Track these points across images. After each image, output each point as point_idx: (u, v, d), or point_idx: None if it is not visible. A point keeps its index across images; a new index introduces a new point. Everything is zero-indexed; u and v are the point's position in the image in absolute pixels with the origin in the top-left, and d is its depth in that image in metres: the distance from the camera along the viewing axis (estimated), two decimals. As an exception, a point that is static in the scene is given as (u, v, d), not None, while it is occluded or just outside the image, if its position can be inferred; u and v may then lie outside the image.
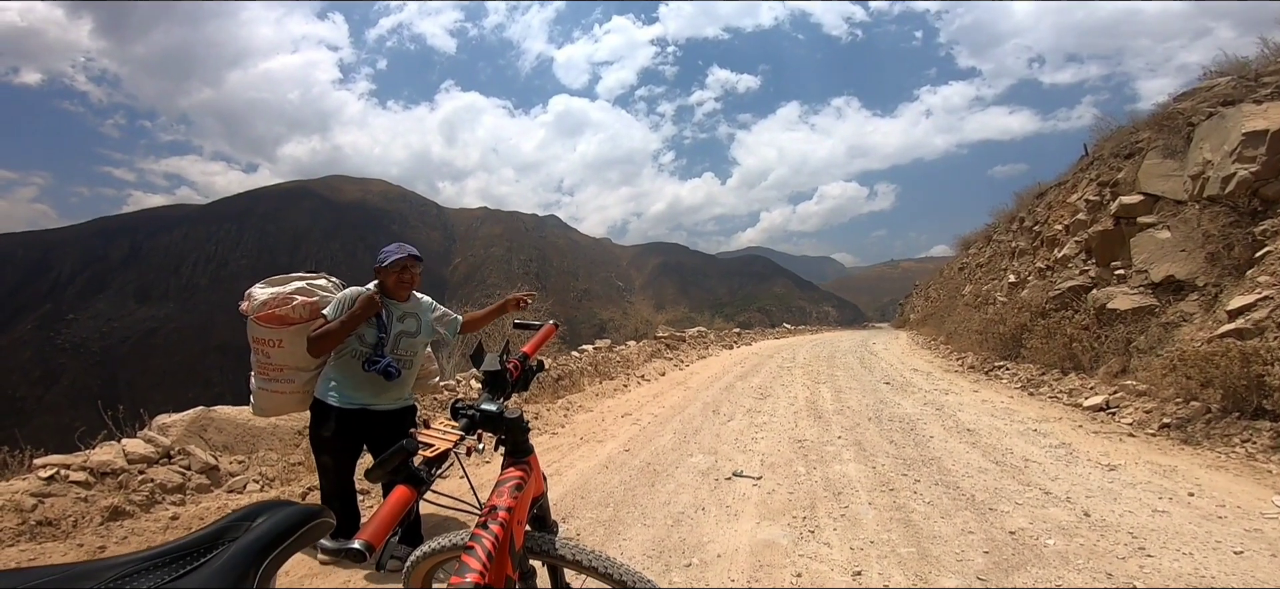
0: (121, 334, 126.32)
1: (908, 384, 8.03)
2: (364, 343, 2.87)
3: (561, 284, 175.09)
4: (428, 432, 1.32)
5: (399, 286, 2.98)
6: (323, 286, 3.09)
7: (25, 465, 3.99)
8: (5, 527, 3.25)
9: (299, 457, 4.62)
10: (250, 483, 4.24)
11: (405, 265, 2.97)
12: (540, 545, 1.48)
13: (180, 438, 4.46)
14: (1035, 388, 6.82)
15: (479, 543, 1.19)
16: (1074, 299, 7.67)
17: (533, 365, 1.72)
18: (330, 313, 2.85)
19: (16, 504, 3.36)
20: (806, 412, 6.32)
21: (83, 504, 3.52)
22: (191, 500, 3.91)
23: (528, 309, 3.19)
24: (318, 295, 3.01)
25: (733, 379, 9.38)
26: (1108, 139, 9.16)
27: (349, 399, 2.88)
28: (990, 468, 4.10)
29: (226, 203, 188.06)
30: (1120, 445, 4.58)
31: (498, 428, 1.44)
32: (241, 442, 4.79)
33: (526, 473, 1.45)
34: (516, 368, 1.64)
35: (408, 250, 2.99)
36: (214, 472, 4.23)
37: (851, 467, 4.28)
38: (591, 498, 3.91)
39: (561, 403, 7.44)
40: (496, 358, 1.58)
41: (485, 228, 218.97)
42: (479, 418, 1.42)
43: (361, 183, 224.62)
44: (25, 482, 3.57)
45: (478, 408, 1.42)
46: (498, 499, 1.33)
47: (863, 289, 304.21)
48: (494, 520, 1.26)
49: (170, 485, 3.91)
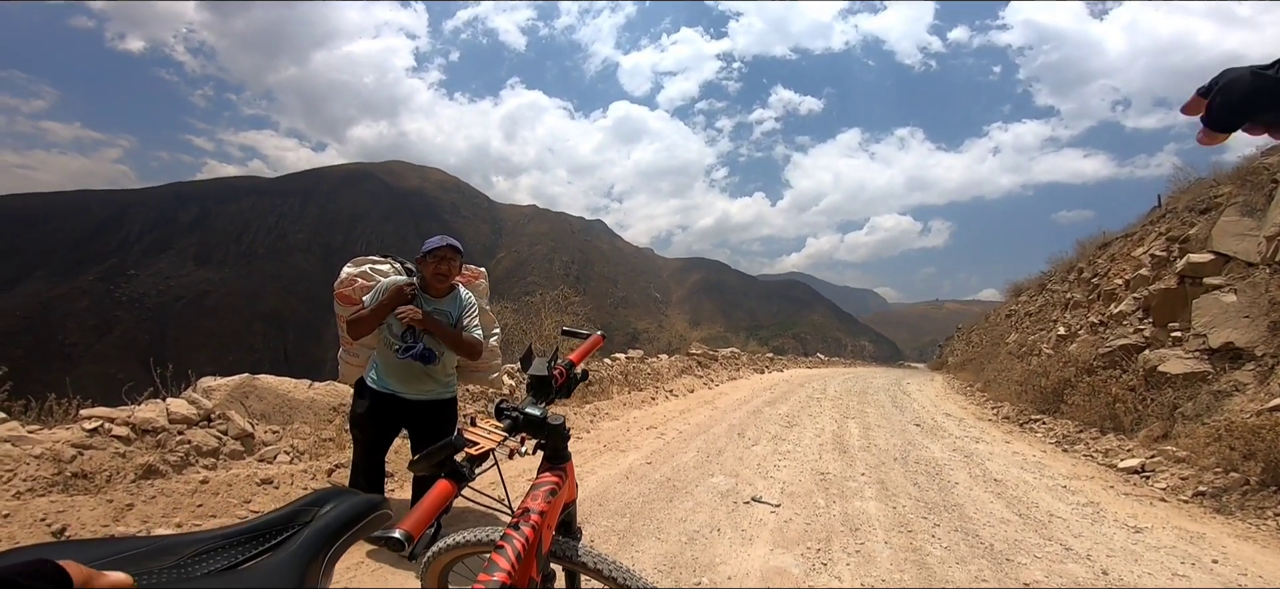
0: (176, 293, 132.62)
1: (938, 428, 7.87)
2: (391, 332, 2.94)
3: (600, 289, 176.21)
4: (473, 430, 1.34)
5: (434, 278, 2.99)
6: (383, 272, 3.20)
7: (71, 415, 4.07)
8: (40, 476, 3.29)
9: (330, 433, 4.78)
10: (280, 454, 4.34)
11: (442, 256, 2.97)
12: (564, 551, 1.49)
13: (222, 402, 4.57)
14: (1070, 444, 6.62)
15: (510, 543, 1.20)
16: (1124, 358, 7.41)
17: (577, 374, 1.73)
18: (368, 300, 2.97)
19: (56, 454, 3.42)
20: (832, 445, 6.28)
21: (119, 460, 3.59)
22: (223, 466, 3.99)
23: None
24: (374, 281, 3.12)
25: (761, 404, 9.35)
26: (1185, 191, 8.79)
27: (382, 383, 2.99)
28: (1013, 519, 4.03)
29: (293, 178, 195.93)
30: (1150, 509, 4.44)
31: (539, 432, 1.46)
32: (279, 412, 4.94)
33: (562, 479, 1.46)
34: (562, 374, 1.66)
35: (447, 241, 2.99)
36: (248, 439, 4.33)
37: (872, 504, 4.26)
38: (609, 506, 3.99)
39: (588, 409, 7.56)
40: (545, 363, 1.61)
41: (532, 225, 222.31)
42: (522, 421, 1.43)
43: (420, 170, 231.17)
44: (68, 432, 3.63)
45: (522, 411, 1.44)
46: (531, 502, 1.34)
47: (903, 326, 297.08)
48: (526, 523, 1.28)
49: (205, 448, 3.99)
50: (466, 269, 3.37)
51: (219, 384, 4.87)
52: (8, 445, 3.37)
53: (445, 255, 2.98)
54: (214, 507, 3.55)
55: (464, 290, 3.19)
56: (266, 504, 3.69)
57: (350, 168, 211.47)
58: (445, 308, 3.04)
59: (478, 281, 3.51)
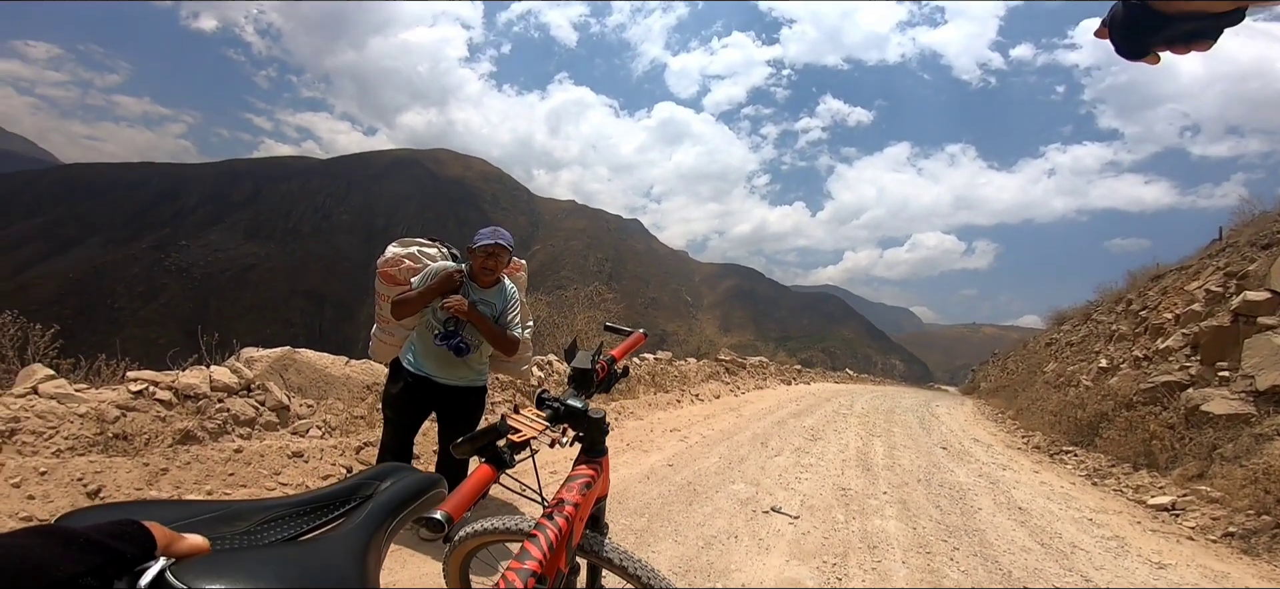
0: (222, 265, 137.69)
1: (965, 453, 7.75)
2: (437, 317, 2.95)
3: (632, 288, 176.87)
4: (516, 418, 1.34)
5: (481, 272, 3.01)
6: (432, 256, 3.20)
7: (118, 377, 4.10)
8: (82, 435, 3.31)
9: (362, 411, 4.87)
10: (313, 428, 4.40)
11: (491, 252, 2.98)
12: (591, 545, 1.50)
13: (262, 374, 4.60)
14: (1101, 478, 6.46)
15: (542, 533, 1.21)
16: (1166, 395, 7.19)
17: (618, 369, 1.76)
18: (417, 283, 2.98)
19: (100, 414, 3.43)
20: (855, 462, 6.25)
21: (159, 424, 3.61)
22: (257, 436, 4.04)
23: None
24: (422, 263, 3.13)
25: (786, 415, 9.32)
26: (1248, 224, 8.43)
27: (418, 366, 3.01)
28: (1034, 548, 3.98)
29: (341, 161, 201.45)
30: (1176, 546, 4.35)
31: (580, 425, 1.48)
32: (314, 387, 5.04)
33: (597, 473, 1.48)
34: (604, 369, 1.68)
35: (499, 237, 2.99)
36: (284, 412, 4.38)
37: (892, 523, 4.25)
38: (628, 505, 4.05)
39: (614, 407, 7.64)
40: (589, 357, 1.63)
41: (570, 221, 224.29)
42: (563, 412, 1.44)
43: (464, 160, 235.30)
44: (114, 393, 3.65)
45: (564, 402, 1.45)
46: (566, 493, 1.35)
47: (937, 347, 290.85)
48: (560, 514, 1.28)
49: (243, 418, 4.03)
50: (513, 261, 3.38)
51: (261, 355, 4.93)
52: (54, 402, 3.39)
53: (494, 252, 2.97)
54: (245, 476, 3.63)
55: (509, 283, 3.18)
56: (296, 477, 3.81)
57: (397, 153, 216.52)
58: (491, 299, 3.05)
59: (518, 274, 3.51)
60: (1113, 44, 0.79)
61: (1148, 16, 0.73)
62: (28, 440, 3.15)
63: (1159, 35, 0.74)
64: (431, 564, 2.81)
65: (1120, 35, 0.78)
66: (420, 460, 4.28)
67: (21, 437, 3.15)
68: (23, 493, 2.93)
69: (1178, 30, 0.72)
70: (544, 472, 3.89)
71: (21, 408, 3.23)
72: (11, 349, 4.51)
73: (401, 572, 2.76)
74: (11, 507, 2.82)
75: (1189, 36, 0.72)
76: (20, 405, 3.24)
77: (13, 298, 30.04)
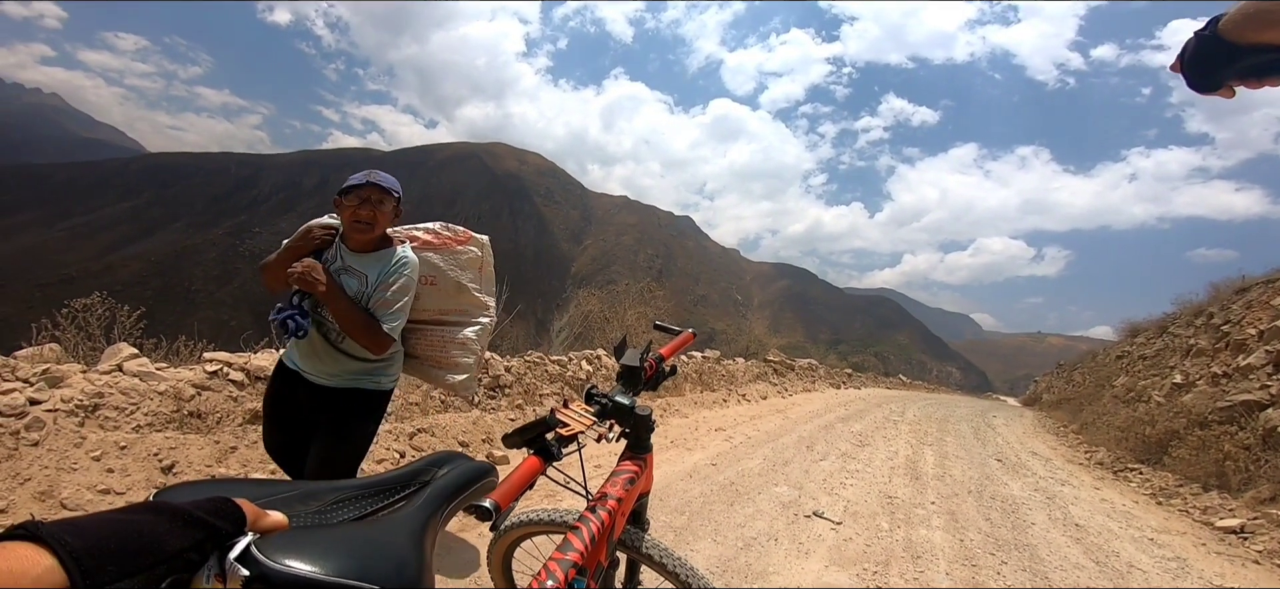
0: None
1: (1021, 465, 7.49)
2: (294, 291, 2.10)
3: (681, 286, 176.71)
4: (565, 412, 1.35)
5: (352, 227, 2.11)
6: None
7: (196, 357, 4.29)
8: (161, 412, 3.42)
9: (416, 397, 5.05)
10: None
11: (365, 198, 2.08)
12: (632, 540, 1.52)
13: None
14: (1167, 498, 6.14)
15: (586, 525, 1.24)
16: (1244, 414, 6.78)
17: (666, 368, 1.78)
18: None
19: (177, 392, 3.54)
20: (904, 470, 6.14)
21: (231, 403, 3.75)
22: None
23: None
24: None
25: (834, 419, 9.20)
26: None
27: (289, 355, 2.26)
28: (1088, 566, 3.85)
29: (404, 153, 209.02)
30: (1241, 570, 4.14)
31: (627, 421, 1.51)
32: None
33: (641, 469, 1.51)
34: (652, 367, 1.70)
35: (375, 177, 2.10)
36: None
37: (938, 534, 4.18)
38: (669, 502, 4.10)
39: (660, 404, 7.72)
40: (638, 355, 1.65)
41: (621, 216, 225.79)
42: (611, 408, 1.48)
43: (519, 153, 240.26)
44: (192, 372, 3.75)
45: (612, 399, 1.49)
46: (610, 488, 1.39)
47: (997, 357, 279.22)
48: (603, 507, 1.31)
49: None
50: (451, 230, 2.51)
51: None
52: (136, 380, 3.50)
53: (368, 196, 2.08)
54: None
55: (407, 251, 2.22)
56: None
57: (456, 147, 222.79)
58: (362, 267, 2.12)
59: (462, 249, 2.51)
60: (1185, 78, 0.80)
61: (1221, 48, 0.74)
62: (110, 415, 3.29)
63: (1232, 68, 0.75)
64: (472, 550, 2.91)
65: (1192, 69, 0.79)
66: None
67: (104, 412, 3.28)
68: (102, 466, 3.05)
69: (1251, 63, 0.73)
70: (589, 465, 4.00)
71: (107, 384, 3.40)
72: (98, 328, 4.91)
73: (447, 556, 2.86)
74: (91, 479, 2.97)
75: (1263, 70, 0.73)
76: (105, 382, 3.41)
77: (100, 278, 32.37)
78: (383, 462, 4.16)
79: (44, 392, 3.20)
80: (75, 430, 3.13)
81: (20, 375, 3.26)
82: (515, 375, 6.34)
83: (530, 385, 6.40)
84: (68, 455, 2.99)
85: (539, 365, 6.86)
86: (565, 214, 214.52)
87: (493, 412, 5.64)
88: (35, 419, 3.05)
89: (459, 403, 5.46)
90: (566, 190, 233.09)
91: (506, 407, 5.86)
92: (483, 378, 5.92)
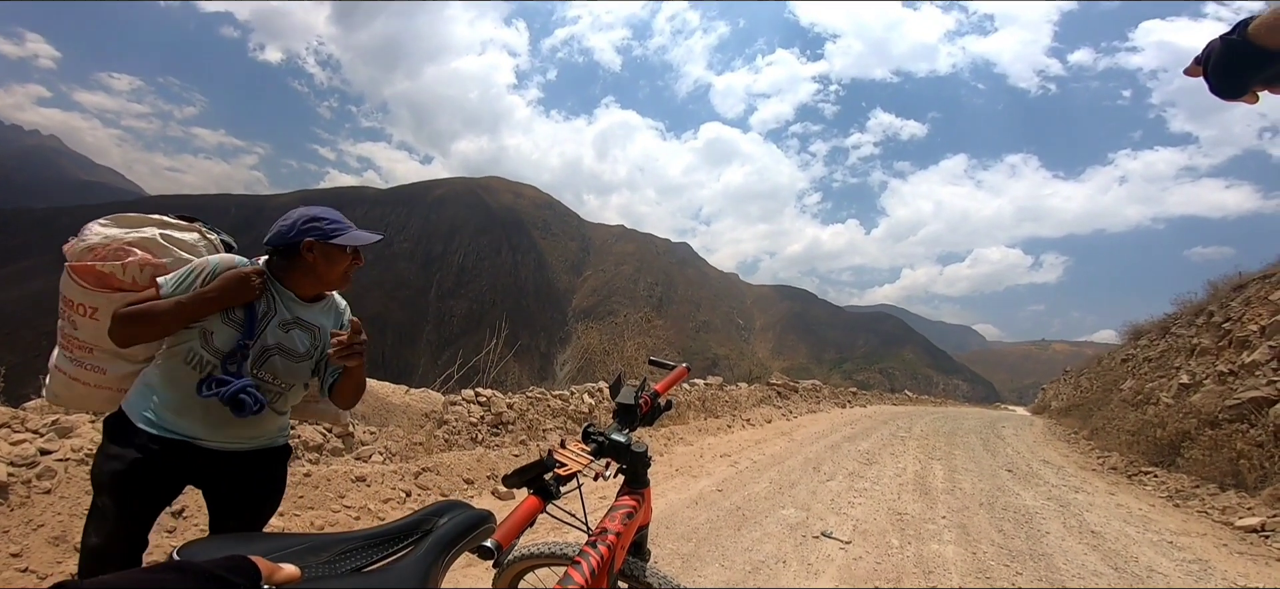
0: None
1: (1033, 475, 7.40)
2: (210, 347, 1.71)
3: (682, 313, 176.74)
4: (562, 452, 1.40)
5: (314, 278, 1.84)
6: (188, 244, 1.90)
7: None
8: None
9: (421, 438, 5.04)
10: (375, 454, 4.60)
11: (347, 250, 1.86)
12: (633, 571, 1.55)
13: None
14: (1183, 499, 6.06)
15: (586, 559, 1.28)
16: (1253, 411, 6.71)
17: (662, 403, 1.81)
18: (168, 285, 1.71)
19: None
20: (913, 486, 6.06)
21: None
22: (325, 461, 4.24)
23: None
24: (171, 255, 1.85)
25: (840, 439, 9.12)
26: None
27: (168, 425, 1.72)
28: (1106, 573, 3.77)
29: (401, 190, 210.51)
30: (1265, 569, 4.05)
31: (623, 458, 1.56)
32: (376, 414, 5.25)
33: (639, 503, 1.55)
34: (648, 403, 1.74)
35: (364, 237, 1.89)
36: (349, 438, 4.59)
37: (950, 549, 4.11)
38: (676, 530, 4.06)
39: (663, 433, 7.66)
40: (633, 392, 1.70)
41: (620, 245, 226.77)
42: (608, 446, 1.53)
43: (515, 186, 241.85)
44: None
45: (608, 437, 1.54)
46: (610, 522, 1.43)
47: (1002, 366, 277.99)
48: (603, 541, 1.35)
49: (312, 443, 4.26)
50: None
51: None
52: None
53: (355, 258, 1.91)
54: (313, 499, 3.82)
55: (341, 299, 2.05)
56: (359, 500, 4.00)
57: (452, 182, 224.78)
58: (315, 320, 1.89)
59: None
60: (1208, 83, 0.78)
61: (1250, 53, 0.73)
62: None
63: (1260, 74, 0.74)
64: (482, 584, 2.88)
65: (1217, 74, 0.77)
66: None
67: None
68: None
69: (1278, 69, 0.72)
70: (594, 497, 3.95)
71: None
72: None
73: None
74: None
75: None
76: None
77: (105, 336, 32.60)
78: (389, 501, 4.12)
79: (54, 442, 3.25)
80: (86, 478, 3.13)
81: (30, 426, 3.33)
82: (517, 412, 6.30)
83: (533, 421, 6.36)
84: (80, 503, 3.00)
85: (541, 401, 6.83)
86: (563, 246, 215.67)
87: (496, 448, 5.59)
88: (46, 468, 3.10)
89: (463, 442, 5.43)
90: (564, 222, 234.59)
91: (510, 442, 5.82)
92: (486, 416, 5.90)
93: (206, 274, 1.72)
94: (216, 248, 1.99)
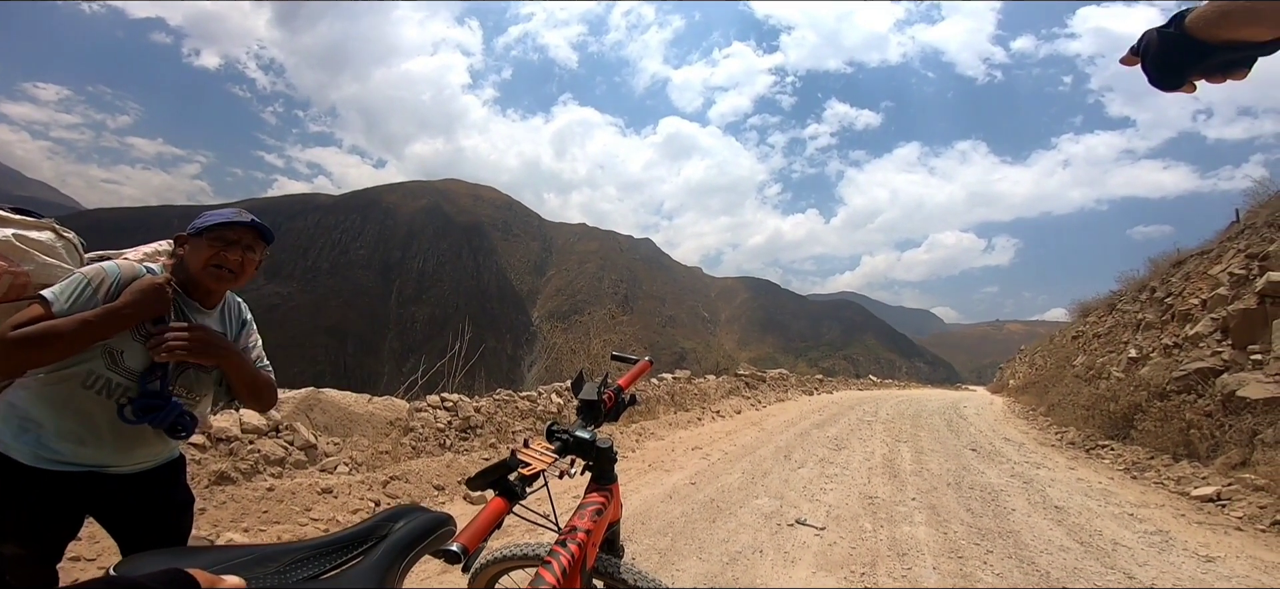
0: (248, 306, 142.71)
1: (996, 453, 7.59)
2: (120, 367, 1.53)
3: (648, 308, 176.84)
4: (526, 451, 1.36)
5: (213, 275, 1.65)
6: (44, 245, 1.64)
7: None
8: None
9: (386, 446, 4.93)
10: (340, 465, 4.50)
11: (234, 240, 1.66)
12: (607, 568, 1.54)
13: (289, 414, 4.76)
14: (1140, 471, 6.27)
15: (556, 559, 1.26)
16: (1200, 382, 6.99)
17: (626, 398, 1.80)
18: (57, 299, 1.46)
19: None
20: (882, 469, 6.14)
21: (195, 465, 3.70)
22: (288, 475, 4.14)
23: None
24: (33, 262, 1.59)
25: (809, 426, 9.21)
26: (1264, 205, 8.28)
27: (67, 457, 1.52)
28: (1073, 547, 3.86)
29: (354, 196, 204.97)
30: (1224, 538, 4.20)
31: (588, 455, 1.54)
32: (340, 425, 5.13)
33: (607, 499, 1.54)
34: (611, 399, 1.73)
35: (246, 217, 1.71)
36: (312, 450, 4.49)
37: (922, 530, 4.16)
38: (651, 525, 4.03)
39: (635, 429, 7.61)
40: (595, 388, 1.69)
41: (582, 244, 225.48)
42: (572, 443, 1.51)
43: (474, 189, 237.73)
44: None
45: (572, 434, 1.52)
46: (578, 520, 1.41)
47: (961, 348, 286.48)
48: (573, 540, 1.34)
49: (273, 458, 4.16)
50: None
51: (287, 396, 5.07)
52: None
53: (238, 238, 1.68)
54: (278, 513, 3.72)
55: (240, 301, 1.90)
56: (326, 512, 3.87)
57: (409, 186, 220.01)
58: (218, 326, 1.75)
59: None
60: (1146, 74, 0.78)
61: (1188, 46, 0.73)
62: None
63: (1198, 66, 0.73)
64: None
65: (1156, 66, 0.77)
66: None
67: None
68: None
69: (1221, 59, 0.72)
70: (567, 497, 3.87)
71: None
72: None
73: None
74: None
75: (1229, 65, 0.72)
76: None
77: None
78: (357, 512, 3.99)
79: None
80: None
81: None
82: (485, 415, 6.17)
83: (501, 424, 6.24)
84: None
85: (509, 403, 6.71)
86: (525, 247, 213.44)
87: (466, 453, 5.46)
88: None
89: (431, 448, 5.28)
90: (525, 223, 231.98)
91: (480, 446, 5.69)
92: (453, 421, 5.76)
93: (110, 285, 1.53)
94: (75, 247, 1.76)
